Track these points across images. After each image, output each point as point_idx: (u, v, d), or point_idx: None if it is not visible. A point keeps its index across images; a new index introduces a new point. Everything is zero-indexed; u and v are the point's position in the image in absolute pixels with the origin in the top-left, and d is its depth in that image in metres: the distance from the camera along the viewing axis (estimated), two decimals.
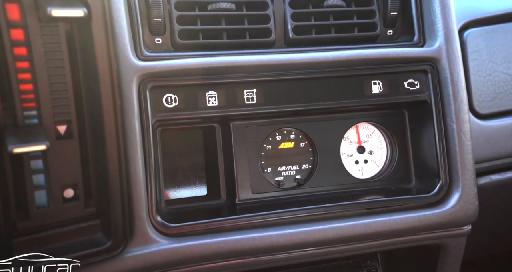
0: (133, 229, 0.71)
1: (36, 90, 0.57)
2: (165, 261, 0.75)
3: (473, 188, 0.86)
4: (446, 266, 0.93)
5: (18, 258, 0.60)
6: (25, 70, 0.57)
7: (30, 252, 0.60)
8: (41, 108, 0.58)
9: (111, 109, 0.65)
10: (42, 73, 0.58)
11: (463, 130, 0.87)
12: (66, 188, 0.63)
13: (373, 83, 0.87)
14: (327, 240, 0.83)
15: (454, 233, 0.89)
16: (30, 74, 0.57)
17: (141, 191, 0.73)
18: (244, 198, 0.87)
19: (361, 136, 0.96)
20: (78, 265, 0.65)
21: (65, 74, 0.60)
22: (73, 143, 0.62)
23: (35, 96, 0.57)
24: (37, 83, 0.57)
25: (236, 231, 0.80)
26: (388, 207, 0.86)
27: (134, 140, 0.73)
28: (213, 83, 0.80)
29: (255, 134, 0.89)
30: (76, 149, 0.62)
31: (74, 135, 0.62)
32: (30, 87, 0.57)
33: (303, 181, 0.91)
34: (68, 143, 0.62)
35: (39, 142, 0.54)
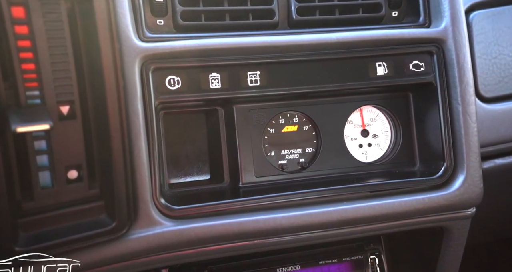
0: (137, 211, 0.71)
1: (38, 70, 0.57)
2: (169, 243, 0.75)
3: (478, 170, 0.86)
4: (450, 249, 0.93)
5: (18, 258, 0.60)
6: (27, 49, 0.56)
7: (35, 232, 0.60)
8: (43, 88, 0.57)
9: (114, 91, 0.65)
10: (43, 52, 0.57)
11: (469, 112, 0.86)
12: (70, 169, 0.63)
13: (378, 65, 0.86)
14: (331, 223, 0.83)
15: (458, 215, 0.89)
16: (31, 53, 0.56)
17: (144, 173, 0.73)
18: (248, 182, 0.87)
19: (365, 120, 0.96)
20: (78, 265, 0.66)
21: (67, 54, 0.59)
22: (76, 124, 0.62)
23: (37, 75, 0.57)
24: (39, 62, 0.57)
25: (239, 213, 0.80)
26: (392, 190, 0.86)
27: (137, 122, 0.72)
28: (216, 65, 0.80)
29: (258, 117, 0.89)
30: (79, 130, 0.62)
31: (77, 115, 0.61)
32: (32, 66, 0.56)
33: (307, 165, 0.91)
34: (71, 124, 0.61)
35: (42, 121, 0.54)
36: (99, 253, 0.68)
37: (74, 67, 0.60)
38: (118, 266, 0.73)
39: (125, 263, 0.73)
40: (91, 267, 0.69)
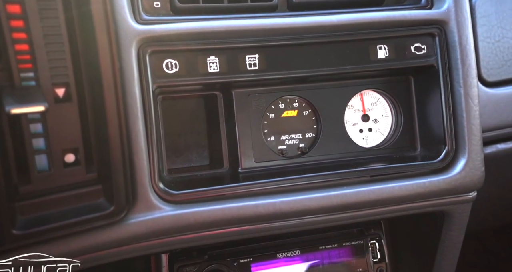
0: (135, 195, 0.71)
1: (32, 51, 0.56)
2: (168, 227, 0.75)
3: (479, 153, 0.85)
4: (451, 233, 0.93)
5: (18, 258, 0.60)
6: (20, 30, 0.55)
7: (33, 216, 0.60)
8: (38, 69, 0.56)
9: (110, 74, 0.64)
10: (37, 33, 0.56)
11: (471, 95, 0.85)
12: (66, 153, 0.62)
13: (379, 47, 0.85)
14: (331, 207, 0.83)
15: (460, 199, 0.89)
16: (25, 33, 0.55)
17: (142, 158, 0.72)
18: (247, 167, 0.86)
19: (366, 104, 0.95)
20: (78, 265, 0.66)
21: (61, 35, 0.58)
22: (72, 107, 0.61)
23: (31, 57, 0.56)
24: (32, 43, 0.55)
25: (239, 198, 0.80)
26: (393, 174, 0.85)
27: (134, 106, 0.72)
28: (214, 48, 0.78)
29: (257, 102, 0.88)
30: (76, 113, 0.61)
31: (73, 98, 0.60)
32: (25, 47, 0.55)
33: (307, 150, 0.90)
34: (67, 107, 0.60)
35: (37, 103, 0.53)
36: (98, 237, 0.68)
37: (69, 48, 0.59)
38: (117, 250, 0.73)
39: (124, 247, 0.73)
40: (90, 251, 0.69)
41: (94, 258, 0.71)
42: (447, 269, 0.97)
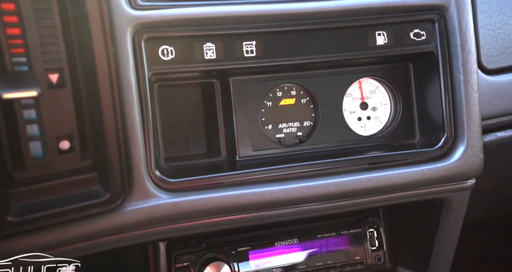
0: (132, 183, 0.70)
1: (24, 35, 0.55)
2: (165, 215, 0.74)
3: (478, 141, 0.85)
4: (449, 221, 0.92)
5: (18, 258, 0.60)
6: (11, 13, 0.54)
7: (28, 203, 0.59)
8: (30, 54, 0.55)
9: (104, 61, 0.63)
10: (29, 17, 0.55)
11: (470, 81, 0.84)
12: (61, 140, 0.62)
13: (378, 34, 0.84)
14: (329, 195, 0.82)
15: (458, 187, 0.88)
16: (16, 17, 0.54)
17: (138, 145, 0.72)
18: (245, 155, 0.86)
19: (364, 92, 0.94)
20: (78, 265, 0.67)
21: (54, 19, 0.57)
22: (66, 93, 0.60)
23: (23, 41, 0.55)
24: (24, 27, 0.54)
25: (237, 186, 0.79)
26: (391, 162, 0.85)
27: (130, 93, 0.71)
28: (211, 35, 0.77)
29: (255, 90, 0.87)
30: (70, 99, 0.60)
31: (67, 84, 0.60)
32: (17, 31, 0.54)
33: (305, 138, 0.89)
34: (61, 93, 0.60)
35: (29, 88, 0.52)
36: (94, 224, 0.68)
37: (62, 33, 0.58)
38: (114, 238, 0.72)
39: (121, 235, 0.73)
40: (86, 239, 0.69)
41: (91, 246, 0.71)
42: (445, 256, 0.97)
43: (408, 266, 1.01)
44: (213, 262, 0.90)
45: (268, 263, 0.95)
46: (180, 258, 0.90)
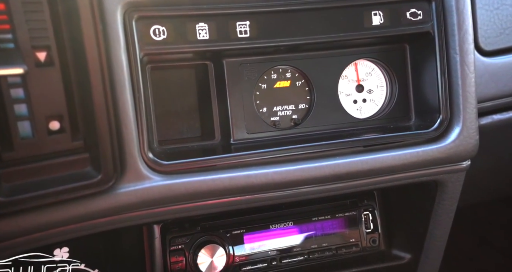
0: (124, 165, 0.70)
1: (9, 11, 0.53)
2: (158, 197, 0.74)
3: (474, 122, 0.84)
4: (444, 203, 0.93)
5: (18, 258, 0.60)
6: None
7: (18, 183, 0.59)
8: (16, 30, 0.54)
9: (93, 40, 0.61)
10: None
11: (467, 61, 0.83)
12: (51, 120, 0.61)
13: (373, 14, 0.82)
14: (324, 177, 0.82)
15: (453, 168, 0.88)
16: None
17: (131, 127, 0.71)
18: (239, 138, 0.85)
19: (360, 74, 0.93)
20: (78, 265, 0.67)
21: None
22: (54, 72, 0.59)
23: (8, 17, 0.53)
24: (9, 2, 0.53)
25: (231, 169, 0.79)
26: (386, 144, 0.84)
27: (121, 74, 0.69)
28: (203, 15, 0.76)
29: (249, 72, 0.86)
30: (59, 78, 0.59)
31: (55, 62, 0.58)
32: (2, 7, 0.53)
33: (300, 121, 0.89)
34: (50, 72, 0.58)
35: (15, 65, 0.51)
36: (87, 206, 0.67)
37: (48, 9, 0.57)
38: (107, 220, 0.72)
39: (114, 217, 0.72)
40: (78, 221, 0.68)
41: (84, 228, 0.70)
42: (439, 238, 0.97)
43: (403, 248, 1.02)
44: (208, 245, 0.90)
45: (263, 246, 0.95)
46: (175, 241, 0.90)
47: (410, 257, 1.01)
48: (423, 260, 1.00)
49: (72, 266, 0.72)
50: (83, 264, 0.76)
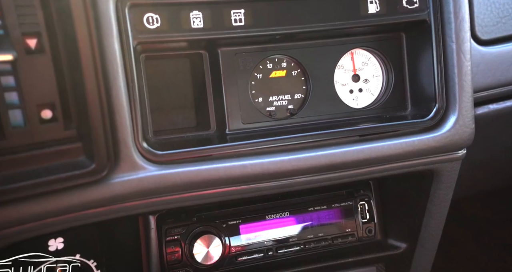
0: (118, 155, 0.69)
1: None
2: (153, 187, 0.73)
3: (470, 110, 0.84)
4: (439, 192, 0.93)
5: (18, 258, 0.60)
6: None
7: (10, 172, 0.58)
8: (4, 16, 0.53)
9: (84, 28, 0.60)
10: None
11: (463, 50, 0.82)
12: (42, 108, 0.60)
13: (369, 1, 0.81)
14: (319, 167, 0.82)
15: (449, 157, 0.88)
16: None
17: (125, 116, 0.70)
18: (235, 128, 0.85)
19: (356, 64, 0.92)
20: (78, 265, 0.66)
21: None
22: (45, 59, 0.58)
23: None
24: None
25: (226, 158, 0.78)
26: (382, 133, 0.84)
27: (114, 63, 0.69)
28: (198, 2, 0.75)
29: (244, 62, 0.85)
30: (50, 66, 0.58)
31: (45, 49, 0.57)
32: None
33: (295, 111, 0.88)
34: (40, 59, 0.57)
35: (4, 52, 0.50)
36: (80, 196, 0.67)
37: None
38: (101, 210, 0.72)
39: (108, 207, 0.72)
40: (73, 211, 0.68)
41: (79, 218, 0.70)
42: (435, 227, 0.98)
43: (399, 238, 1.02)
44: (204, 235, 0.90)
45: (259, 236, 0.95)
46: (171, 232, 0.90)
47: (406, 246, 1.02)
48: (419, 250, 1.00)
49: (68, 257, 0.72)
50: (78, 255, 0.75)
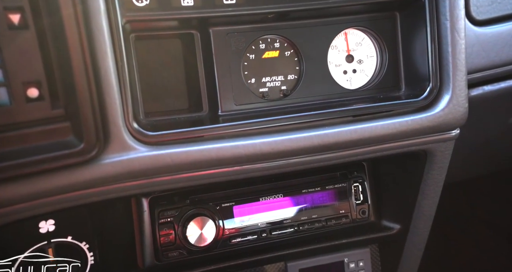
0: (107, 134, 0.68)
1: None
2: (144, 168, 0.73)
3: (463, 89, 0.83)
4: (433, 173, 0.92)
5: (18, 258, 0.59)
6: None
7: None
8: None
9: (70, 4, 0.59)
10: None
11: (457, 28, 0.81)
12: (28, 87, 0.59)
13: None
14: (312, 148, 0.81)
15: (442, 137, 0.88)
16: None
17: (114, 96, 0.69)
18: (227, 110, 0.84)
19: (350, 44, 0.91)
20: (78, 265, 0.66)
21: None
22: (30, 35, 0.56)
23: None
24: None
25: (218, 139, 0.78)
26: (376, 113, 0.84)
27: (102, 41, 0.67)
28: None
29: (237, 42, 0.83)
30: (34, 42, 0.57)
31: (29, 25, 0.56)
32: None
33: (289, 92, 0.87)
34: (24, 35, 0.56)
35: None
36: (70, 176, 0.66)
37: None
38: (92, 191, 0.71)
39: (99, 188, 0.71)
40: (62, 191, 0.67)
41: (69, 199, 0.69)
42: (428, 208, 0.98)
43: (392, 219, 1.02)
44: (197, 217, 0.90)
45: (253, 218, 0.95)
46: (164, 214, 0.90)
47: (399, 227, 1.02)
48: (412, 231, 1.01)
49: (59, 239, 0.71)
50: (70, 237, 0.75)
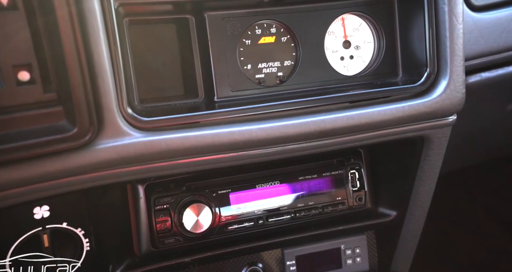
0: (101, 119, 0.67)
1: None
2: (139, 154, 0.72)
3: (461, 75, 0.83)
4: (429, 159, 0.92)
5: (18, 258, 0.59)
6: None
7: None
8: None
9: None
10: None
11: (455, 12, 0.80)
12: (19, 70, 0.57)
13: None
14: (309, 134, 0.81)
15: (439, 123, 0.87)
16: None
17: (107, 81, 0.68)
18: (223, 96, 0.83)
19: (347, 30, 0.90)
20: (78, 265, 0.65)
21: None
22: (19, 16, 0.55)
23: None
24: None
25: (214, 125, 0.77)
26: (373, 99, 0.83)
27: (95, 25, 0.66)
28: None
29: (232, 27, 0.82)
30: (24, 23, 0.56)
31: (19, 6, 0.55)
32: None
33: (285, 78, 0.86)
34: (14, 16, 0.55)
35: None
36: (64, 161, 0.65)
37: None
38: (87, 177, 0.70)
39: (94, 174, 0.71)
40: (56, 177, 0.67)
41: (63, 184, 0.69)
42: (425, 195, 0.98)
43: (389, 206, 1.02)
44: (194, 204, 0.90)
45: (249, 205, 0.95)
46: (160, 201, 0.89)
47: (396, 214, 1.02)
48: (409, 217, 1.01)
49: (54, 225, 0.71)
50: (65, 223, 0.74)
